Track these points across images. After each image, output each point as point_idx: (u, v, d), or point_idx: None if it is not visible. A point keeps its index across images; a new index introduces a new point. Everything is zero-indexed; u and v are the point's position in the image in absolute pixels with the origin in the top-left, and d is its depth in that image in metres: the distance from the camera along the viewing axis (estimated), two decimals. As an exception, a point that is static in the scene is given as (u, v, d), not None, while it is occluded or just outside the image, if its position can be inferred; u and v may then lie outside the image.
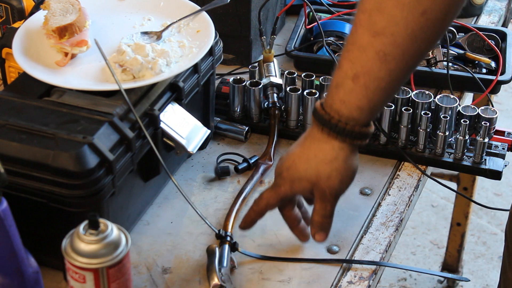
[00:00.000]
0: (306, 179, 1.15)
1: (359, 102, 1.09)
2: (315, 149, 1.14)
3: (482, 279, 2.65)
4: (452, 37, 1.68)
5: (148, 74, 1.23)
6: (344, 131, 1.11)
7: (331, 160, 1.13)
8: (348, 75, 1.08)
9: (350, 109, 1.10)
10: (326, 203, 1.16)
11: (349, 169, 1.15)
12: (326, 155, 1.13)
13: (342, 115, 1.11)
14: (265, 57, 1.54)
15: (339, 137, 1.12)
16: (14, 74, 1.38)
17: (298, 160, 1.15)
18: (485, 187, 2.99)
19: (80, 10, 1.29)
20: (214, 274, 1.15)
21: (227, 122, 1.50)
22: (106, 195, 1.12)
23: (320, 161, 1.13)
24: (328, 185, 1.14)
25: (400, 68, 1.07)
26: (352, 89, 1.09)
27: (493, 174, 1.41)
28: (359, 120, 1.11)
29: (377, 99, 1.10)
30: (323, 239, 1.20)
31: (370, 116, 1.12)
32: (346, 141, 1.12)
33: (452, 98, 1.44)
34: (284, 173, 1.17)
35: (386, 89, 1.09)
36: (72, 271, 1.00)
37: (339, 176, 1.14)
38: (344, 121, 1.11)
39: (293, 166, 1.16)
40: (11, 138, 1.11)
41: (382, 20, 1.04)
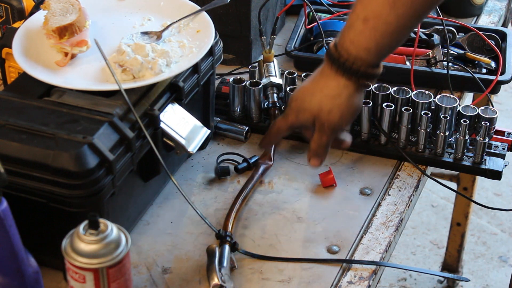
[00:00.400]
0: (309, 111, 1.23)
1: (367, 44, 1.17)
2: (322, 84, 1.22)
3: (482, 279, 2.65)
4: (452, 37, 1.68)
5: (148, 74, 1.23)
6: (350, 70, 1.18)
7: (334, 96, 1.21)
8: (359, 17, 1.16)
9: (358, 49, 1.17)
10: (322, 134, 1.24)
11: (351, 107, 1.22)
12: (330, 91, 1.21)
13: (350, 54, 1.18)
14: (265, 57, 1.54)
15: (345, 75, 1.19)
16: (14, 74, 1.38)
17: (306, 92, 1.24)
18: (485, 187, 2.99)
19: (80, 10, 1.29)
20: (214, 274, 1.15)
21: (227, 122, 1.50)
22: (106, 195, 1.12)
23: (324, 95, 1.21)
24: (328, 118, 1.22)
25: (408, 14, 1.14)
26: (362, 31, 1.16)
27: (493, 174, 1.41)
28: (366, 60, 1.18)
29: (384, 43, 1.17)
30: (317, 164, 1.29)
31: (376, 58, 1.19)
32: (352, 79, 1.19)
33: (452, 98, 1.44)
34: (293, 104, 1.26)
35: (393, 34, 1.17)
36: (72, 271, 1.00)
37: (340, 112, 1.22)
38: (351, 60, 1.18)
39: (300, 97, 1.25)
40: (11, 138, 1.11)
41: None
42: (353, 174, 1.41)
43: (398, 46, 1.25)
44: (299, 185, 1.38)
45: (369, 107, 1.42)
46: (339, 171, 1.41)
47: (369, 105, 1.42)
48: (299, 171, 1.41)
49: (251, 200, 1.35)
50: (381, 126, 1.43)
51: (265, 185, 1.38)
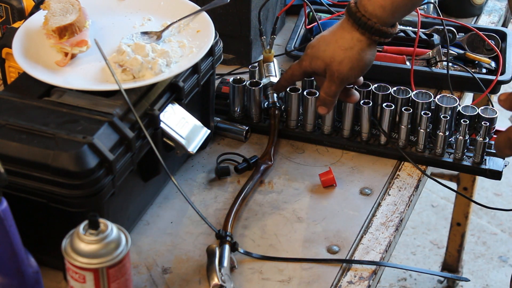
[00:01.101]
0: (322, 59, 1.30)
1: (383, 2, 1.25)
2: (338, 36, 1.29)
3: (482, 279, 2.65)
4: (452, 37, 1.68)
5: (148, 74, 1.23)
6: (365, 25, 1.26)
7: (347, 48, 1.28)
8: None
9: (374, 6, 1.25)
10: (332, 83, 1.32)
11: (362, 60, 1.29)
12: (344, 43, 1.28)
13: (367, 10, 1.25)
14: (265, 57, 1.54)
15: (360, 29, 1.27)
16: (14, 74, 1.38)
17: (322, 41, 1.31)
18: (485, 187, 2.99)
19: (80, 10, 1.29)
20: (214, 274, 1.15)
21: (227, 122, 1.50)
22: (106, 195, 1.12)
23: (338, 46, 1.29)
24: (338, 69, 1.29)
25: None
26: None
27: (493, 174, 1.41)
28: (381, 18, 1.25)
29: (399, 2, 1.25)
30: (324, 112, 1.38)
31: (391, 17, 1.26)
32: (365, 34, 1.27)
33: (452, 98, 1.44)
34: (309, 50, 1.34)
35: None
36: (72, 271, 1.00)
37: (350, 63, 1.29)
38: (367, 16, 1.25)
39: (316, 45, 1.32)
40: (11, 138, 1.11)
41: None
42: (353, 174, 1.41)
43: (413, 8, 1.31)
44: (299, 185, 1.38)
45: (369, 107, 1.42)
46: (339, 171, 1.41)
47: (369, 105, 1.42)
48: (299, 171, 1.41)
49: (251, 200, 1.35)
50: (381, 126, 1.43)
51: (265, 185, 1.38)
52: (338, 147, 1.47)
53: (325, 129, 1.46)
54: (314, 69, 1.34)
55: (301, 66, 1.36)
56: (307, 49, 1.35)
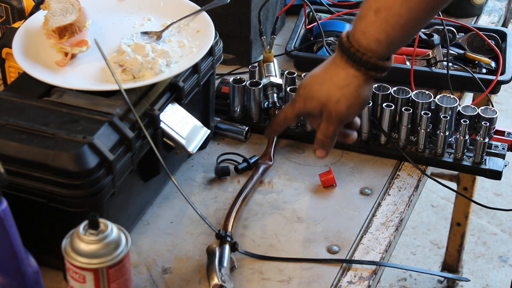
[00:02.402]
0: (318, 99, 1.23)
1: (378, 35, 1.16)
2: (332, 73, 1.21)
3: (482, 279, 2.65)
4: (452, 37, 1.68)
5: (148, 74, 1.23)
6: (360, 61, 1.18)
7: (343, 86, 1.20)
8: (371, 8, 1.15)
9: (369, 40, 1.17)
10: (329, 124, 1.24)
11: (359, 98, 1.21)
12: (339, 80, 1.20)
13: (361, 45, 1.17)
14: (265, 57, 1.54)
15: (355, 65, 1.19)
16: (14, 74, 1.38)
17: (315, 80, 1.23)
18: (485, 187, 2.99)
19: (80, 10, 1.29)
20: (214, 274, 1.15)
21: (227, 122, 1.50)
22: (106, 195, 1.12)
23: (333, 84, 1.21)
24: (335, 108, 1.22)
25: (420, 7, 1.14)
26: (373, 22, 1.16)
27: (493, 174, 1.41)
28: (376, 52, 1.17)
29: (395, 35, 1.16)
30: (323, 155, 1.28)
31: (387, 50, 1.18)
32: (361, 70, 1.19)
33: (452, 98, 1.44)
34: (301, 91, 1.25)
35: (405, 26, 1.16)
36: (72, 271, 1.00)
37: (347, 102, 1.21)
38: (362, 51, 1.17)
39: (309, 85, 1.24)
40: (11, 138, 1.11)
41: None
42: (353, 174, 1.41)
43: (409, 40, 1.24)
44: (299, 185, 1.38)
45: (369, 107, 1.42)
46: (339, 171, 1.41)
47: (369, 105, 1.42)
48: (299, 171, 1.41)
49: (251, 200, 1.35)
50: (381, 126, 1.43)
51: (265, 185, 1.38)
52: (338, 147, 1.47)
53: (325, 129, 1.46)
54: (309, 110, 1.25)
55: (295, 108, 1.27)
56: (299, 89, 1.26)
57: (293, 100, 1.28)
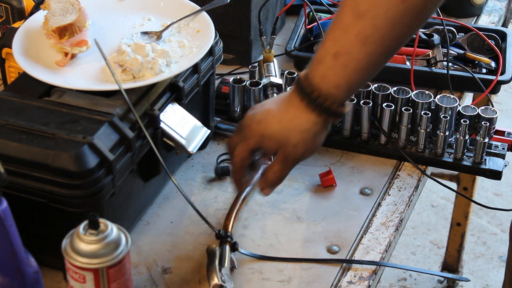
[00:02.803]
0: (276, 140, 1.18)
1: (338, 80, 1.13)
2: (291, 115, 1.17)
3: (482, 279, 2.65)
4: (452, 37, 1.68)
5: (148, 74, 1.23)
6: (322, 107, 1.15)
7: (303, 130, 1.17)
8: (330, 52, 1.12)
9: (329, 85, 1.14)
10: (284, 167, 1.20)
11: (316, 143, 1.19)
12: (300, 124, 1.17)
13: (321, 90, 1.14)
14: (265, 57, 1.54)
15: (316, 111, 1.15)
16: (14, 74, 1.38)
17: (272, 118, 1.19)
18: (485, 187, 2.99)
19: (80, 10, 1.29)
20: (214, 274, 1.15)
21: (227, 122, 1.50)
22: (106, 195, 1.12)
23: (294, 127, 1.17)
24: (293, 151, 1.19)
25: (379, 52, 1.11)
26: (332, 67, 1.13)
27: (493, 174, 1.41)
28: (337, 97, 1.14)
29: (354, 79, 1.14)
30: (269, 194, 1.25)
31: (347, 94, 1.16)
32: (322, 116, 1.16)
33: (452, 98, 1.44)
34: (254, 126, 1.19)
35: (364, 71, 1.13)
36: (72, 271, 1.00)
37: (305, 146, 1.18)
38: (323, 96, 1.14)
39: (265, 122, 1.19)
40: (11, 138, 1.11)
41: (365, 3, 1.08)
42: (353, 174, 1.41)
43: (367, 82, 1.22)
44: (299, 185, 1.38)
45: (369, 107, 1.42)
46: (339, 171, 1.41)
47: (369, 105, 1.42)
48: (299, 171, 1.41)
49: (251, 200, 1.35)
50: (381, 126, 1.43)
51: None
52: (338, 147, 1.47)
53: (325, 129, 1.46)
54: (264, 147, 1.20)
55: (248, 145, 1.20)
56: (251, 124, 1.19)
57: (243, 137, 1.20)
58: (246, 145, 1.20)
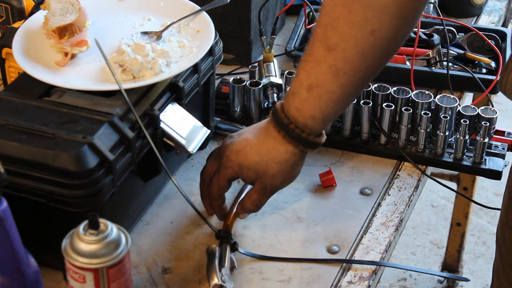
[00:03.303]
0: (254, 170, 1.21)
1: (313, 112, 1.15)
2: (269, 146, 1.19)
3: (482, 279, 2.65)
4: (452, 37, 1.68)
5: (148, 74, 1.23)
6: (299, 138, 1.17)
7: (281, 161, 1.20)
8: (304, 85, 1.14)
9: (305, 117, 1.16)
10: (262, 196, 1.23)
11: (293, 173, 1.22)
12: (278, 156, 1.19)
13: (297, 122, 1.17)
14: (265, 57, 1.54)
15: (293, 142, 1.18)
16: (14, 74, 1.38)
17: (250, 149, 1.21)
18: (485, 187, 2.99)
19: (80, 10, 1.29)
20: (214, 274, 1.15)
21: (227, 122, 1.50)
22: (106, 195, 1.12)
23: (271, 159, 1.20)
24: (271, 182, 1.21)
25: (351, 82, 1.12)
26: (307, 99, 1.15)
27: (493, 174, 1.41)
28: (313, 129, 1.17)
29: (329, 110, 1.16)
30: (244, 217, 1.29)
31: (322, 125, 1.18)
32: (299, 147, 1.18)
33: (452, 98, 1.44)
34: (233, 156, 1.21)
35: (338, 101, 1.15)
36: (72, 271, 1.00)
37: (283, 177, 1.22)
38: (300, 128, 1.17)
39: (243, 152, 1.21)
40: (11, 138, 1.11)
41: (334, 36, 1.09)
42: (353, 174, 1.41)
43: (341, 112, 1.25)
44: (299, 185, 1.38)
45: (369, 107, 1.42)
46: (339, 171, 1.41)
47: (369, 105, 1.42)
48: (299, 171, 1.41)
49: (251, 200, 1.35)
50: (381, 126, 1.43)
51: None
52: (338, 147, 1.47)
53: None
54: (242, 177, 1.23)
55: (226, 174, 1.22)
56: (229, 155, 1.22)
57: (221, 167, 1.23)
58: (224, 175, 1.23)
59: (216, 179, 1.24)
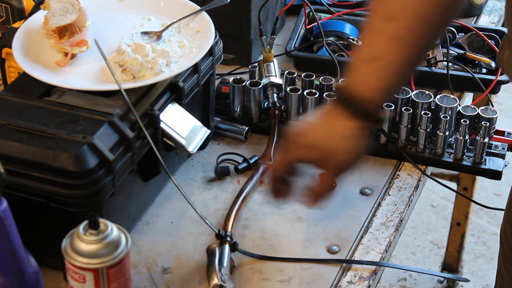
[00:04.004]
0: (318, 149, 1.17)
1: (373, 85, 1.13)
2: (332, 123, 1.16)
3: (482, 279, 2.65)
4: (452, 37, 1.68)
5: (148, 74, 1.23)
6: (359, 112, 1.14)
7: (344, 137, 1.16)
8: (364, 58, 1.13)
9: (365, 91, 1.13)
10: (331, 176, 1.19)
11: (358, 149, 1.17)
12: (340, 131, 1.16)
13: (359, 96, 1.14)
14: (265, 57, 1.54)
15: (354, 116, 1.15)
16: (14, 74, 1.38)
17: (313, 129, 1.18)
18: (485, 187, 2.99)
19: (80, 10, 1.29)
20: (214, 274, 1.15)
21: (227, 122, 1.50)
22: (106, 195, 1.12)
23: (334, 135, 1.16)
24: (335, 159, 1.17)
25: (412, 52, 1.11)
26: (367, 72, 1.13)
27: (493, 174, 1.41)
28: (374, 102, 1.14)
29: (389, 82, 1.14)
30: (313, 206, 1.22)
31: (384, 98, 1.16)
32: (361, 121, 1.15)
33: (452, 98, 1.44)
34: (299, 139, 1.18)
35: (398, 73, 1.13)
36: (72, 271, 1.00)
37: (348, 154, 1.17)
38: (360, 102, 1.14)
39: (307, 133, 1.18)
40: (11, 138, 1.11)
41: (393, 5, 1.08)
42: (353, 174, 1.41)
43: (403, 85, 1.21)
44: (299, 185, 1.38)
45: (369, 107, 1.42)
46: (339, 171, 1.41)
47: (369, 105, 1.42)
48: (299, 171, 1.41)
49: (251, 200, 1.35)
50: (381, 126, 1.43)
51: (265, 185, 1.38)
52: (338, 147, 1.46)
53: (325, 129, 1.46)
54: (306, 159, 1.19)
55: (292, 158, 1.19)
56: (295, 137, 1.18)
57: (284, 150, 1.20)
58: (289, 157, 1.19)
59: (279, 163, 1.20)
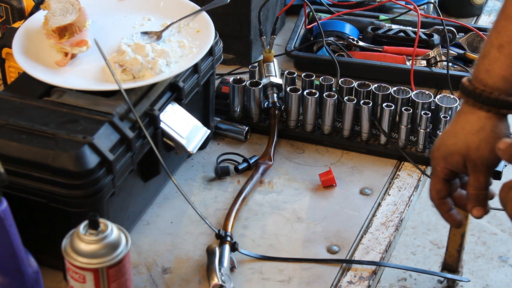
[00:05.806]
0: (457, 153, 1.13)
1: (503, 72, 1.09)
2: (462, 122, 1.13)
3: (482, 279, 2.65)
4: (452, 37, 1.68)
5: (148, 74, 1.23)
6: (488, 100, 1.10)
7: (478, 131, 1.12)
8: (494, 44, 1.10)
9: (494, 78, 1.10)
10: (478, 174, 1.13)
11: (498, 138, 1.11)
12: (472, 126, 1.12)
13: (486, 84, 1.10)
14: (265, 57, 1.54)
15: (484, 106, 1.11)
16: (14, 74, 1.38)
17: (446, 136, 1.15)
18: (485, 187, 2.99)
19: (80, 10, 1.29)
20: (214, 274, 1.15)
21: (227, 122, 1.50)
22: (106, 195, 1.12)
23: (468, 132, 1.12)
24: (479, 156, 1.12)
25: None
26: (497, 59, 1.10)
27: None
28: (504, 89, 1.10)
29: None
30: (481, 214, 1.16)
31: None
32: (492, 110, 1.11)
33: (452, 98, 1.44)
34: (436, 153, 1.15)
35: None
36: (72, 271, 1.00)
37: (488, 146, 1.12)
38: (488, 90, 1.10)
39: (442, 143, 1.15)
40: (11, 138, 1.11)
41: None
42: (353, 174, 1.41)
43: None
44: (299, 185, 1.38)
45: (369, 107, 1.42)
46: (339, 171, 1.41)
47: (369, 105, 1.42)
48: (299, 171, 1.41)
49: (251, 200, 1.35)
50: (381, 126, 1.43)
51: (265, 185, 1.38)
52: (338, 147, 1.47)
53: (325, 129, 1.46)
54: (452, 167, 1.14)
55: (438, 174, 1.15)
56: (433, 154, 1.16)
57: (432, 169, 1.17)
58: (436, 175, 1.16)
59: (432, 184, 1.18)
